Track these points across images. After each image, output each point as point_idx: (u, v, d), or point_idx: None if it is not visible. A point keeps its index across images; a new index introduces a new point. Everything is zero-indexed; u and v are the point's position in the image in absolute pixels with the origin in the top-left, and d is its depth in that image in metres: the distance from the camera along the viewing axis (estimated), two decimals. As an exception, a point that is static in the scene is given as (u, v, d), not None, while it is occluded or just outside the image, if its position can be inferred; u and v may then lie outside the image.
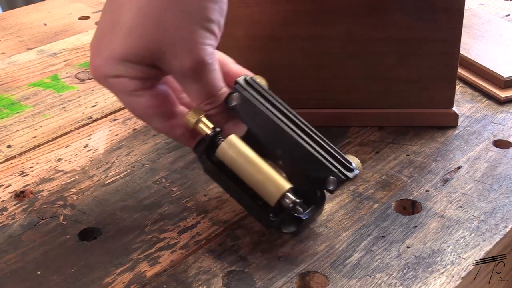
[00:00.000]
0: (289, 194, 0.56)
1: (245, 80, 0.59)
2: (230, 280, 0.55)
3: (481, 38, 0.94)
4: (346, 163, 0.58)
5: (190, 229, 0.62)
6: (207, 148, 0.58)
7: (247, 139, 0.58)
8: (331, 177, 0.57)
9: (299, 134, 0.58)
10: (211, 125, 0.58)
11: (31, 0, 1.93)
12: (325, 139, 0.59)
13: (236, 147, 0.57)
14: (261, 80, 0.61)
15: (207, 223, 0.62)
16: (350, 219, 0.62)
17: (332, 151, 0.58)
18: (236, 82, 0.59)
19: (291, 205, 0.56)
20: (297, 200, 0.56)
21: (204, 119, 0.58)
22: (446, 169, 0.69)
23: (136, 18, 0.54)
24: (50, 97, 0.86)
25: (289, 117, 0.59)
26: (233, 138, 0.57)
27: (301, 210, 0.56)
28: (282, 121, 0.58)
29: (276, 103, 0.59)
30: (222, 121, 0.59)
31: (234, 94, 0.58)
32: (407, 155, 0.72)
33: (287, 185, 0.56)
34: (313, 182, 0.58)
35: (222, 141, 0.58)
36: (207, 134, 0.58)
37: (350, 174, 0.57)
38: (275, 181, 0.56)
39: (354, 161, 0.59)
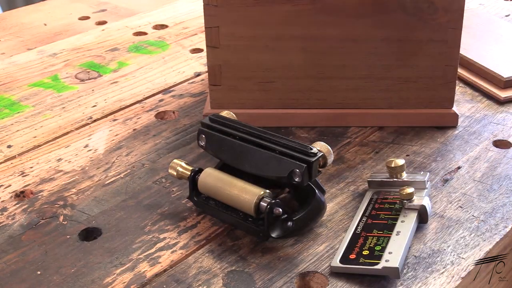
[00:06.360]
0: (265, 198, 0.58)
1: (210, 119, 0.65)
2: (230, 280, 0.55)
3: (481, 38, 0.94)
4: (307, 151, 0.59)
5: (190, 229, 0.62)
6: (192, 188, 0.63)
7: (223, 168, 0.63)
8: (295, 169, 0.58)
9: (259, 144, 0.61)
10: (190, 168, 0.63)
11: (31, 0, 1.93)
12: (286, 138, 0.61)
13: (212, 176, 0.62)
14: (227, 114, 0.66)
15: (207, 223, 0.62)
16: (350, 219, 0.62)
17: (295, 146, 0.59)
18: (202, 123, 0.65)
19: (268, 207, 0.57)
20: (273, 201, 0.57)
21: (181, 168, 0.63)
22: (446, 169, 0.69)
23: None
24: (50, 97, 0.86)
25: (251, 133, 0.62)
26: (208, 169, 0.62)
27: (280, 210, 0.57)
28: (243, 139, 0.62)
29: (240, 127, 0.63)
30: None
31: (201, 134, 0.64)
32: (407, 155, 0.72)
33: (261, 191, 0.58)
34: (283, 181, 0.60)
35: None
36: (188, 176, 0.63)
37: (311, 159, 0.58)
38: (250, 190, 0.59)
39: (317, 146, 0.60)
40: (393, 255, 0.55)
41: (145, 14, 1.13)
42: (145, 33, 1.05)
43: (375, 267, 0.54)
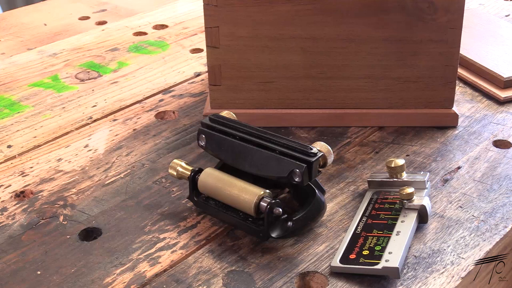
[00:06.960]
0: (265, 198, 0.58)
1: (210, 119, 0.65)
2: (230, 280, 0.55)
3: (481, 38, 0.94)
4: (307, 151, 0.59)
5: (190, 229, 0.62)
6: (192, 188, 0.63)
7: (223, 168, 0.63)
8: (295, 169, 0.58)
9: (259, 144, 0.61)
10: (190, 168, 0.63)
11: (31, 0, 1.93)
12: (286, 138, 0.61)
13: (212, 176, 0.62)
14: (227, 114, 0.66)
15: (207, 223, 0.62)
16: (350, 219, 0.62)
17: (295, 146, 0.59)
18: (202, 123, 0.65)
19: (268, 207, 0.57)
20: (273, 201, 0.57)
21: (181, 168, 0.63)
22: (446, 169, 0.69)
23: None
24: (50, 97, 0.86)
25: (251, 133, 0.62)
26: (208, 169, 0.62)
27: (280, 210, 0.57)
28: (243, 139, 0.62)
29: (240, 127, 0.63)
30: None
31: (201, 134, 0.64)
32: (407, 155, 0.72)
33: (261, 191, 0.58)
34: (283, 181, 0.60)
35: None
36: (188, 176, 0.63)
37: (311, 159, 0.58)
38: (250, 190, 0.59)
39: (318, 146, 0.60)
40: (393, 255, 0.55)
41: (145, 14, 1.13)
42: (145, 33, 1.05)
43: (375, 267, 0.54)
